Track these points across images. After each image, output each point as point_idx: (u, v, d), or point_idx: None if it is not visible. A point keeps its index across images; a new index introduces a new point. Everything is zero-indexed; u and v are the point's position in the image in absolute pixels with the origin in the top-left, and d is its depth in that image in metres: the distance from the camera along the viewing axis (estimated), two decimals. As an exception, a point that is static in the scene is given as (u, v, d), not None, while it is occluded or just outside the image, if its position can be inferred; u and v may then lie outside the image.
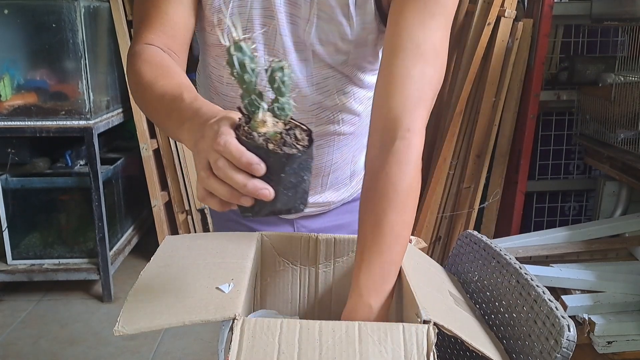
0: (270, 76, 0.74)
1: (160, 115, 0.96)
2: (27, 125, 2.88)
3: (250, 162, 0.72)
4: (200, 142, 0.77)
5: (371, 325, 0.76)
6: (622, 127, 2.78)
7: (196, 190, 0.79)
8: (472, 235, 1.12)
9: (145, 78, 0.99)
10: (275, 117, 0.76)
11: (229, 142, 0.72)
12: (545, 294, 0.86)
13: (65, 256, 3.14)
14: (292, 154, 0.73)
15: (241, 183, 0.72)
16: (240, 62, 0.73)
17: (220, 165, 0.73)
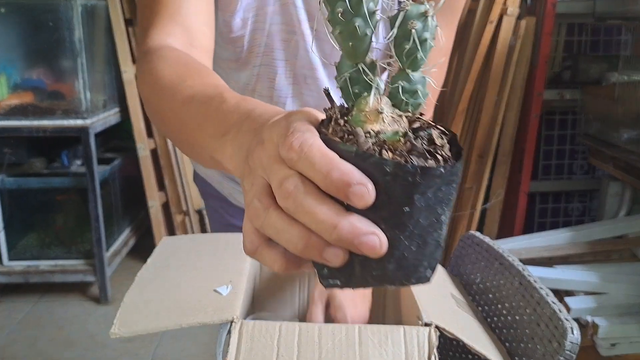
0: (402, 28, 0.45)
1: (187, 125, 0.67)
2: (24, 124, 2.86)
3: (348, 181, 0.41)
4: (257, 151, 0.47)
5: (372, 328, 0.76)
6: (626, 127, 2.76)
7: (243, 237, 0.48)
8: (474, 236, 1.12)
9: (166, 78, 0.74)
10: (396, 106, 0.47)
11: (309, 144, 0.42)
12: (548, 296, 0.86)
13: (61, 257, 3.13)
14: (429, 168, 0.41)
15: (328, 220, 0.42)
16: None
17: (291, 186, 0.43)
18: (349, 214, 0.42)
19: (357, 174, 0.41)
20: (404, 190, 0.41)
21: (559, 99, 3.18)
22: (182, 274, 0.92)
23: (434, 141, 0.44)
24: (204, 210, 3.36)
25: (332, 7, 0.44)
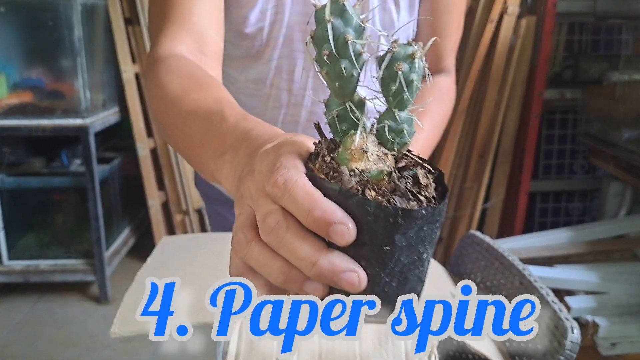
0: (389, 69, 0.45)
1: (190, 141, 0.70)
2: (23, 124, 2.86)
3: (329, 220, 0.42)
4: (247, 180, 0.49)
5: (372, 327, 0.75)
6: (627, 126, 2.76)
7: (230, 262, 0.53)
8: (474, 235, 1.12)
9: (172, 91, 0.76)
10: (382, 144, 0.47)
11: (293, 181, 0.43)
12: (548, 296, 0.87)
13: (61, 257, 3.12)
14: (410, 210, 0.42)
15: (308, 257, 0.43)
16: (338, 35, 0.44)
17: (274, 222, 0.44)
18: (329, 251, 0.43)
19: (339, 213, 0.42)
20: (385, 230, 0.42)
21: (560, 99, 3.17)
22: (182, 273, 0.91)
23: (419, 181, 0.46)
24: (204, 210, 3.36)
25: (319, 48, 0.45)
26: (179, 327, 0.72)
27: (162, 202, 3.40)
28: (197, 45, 0.87)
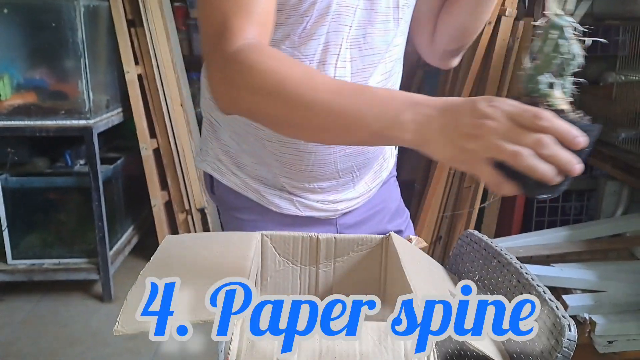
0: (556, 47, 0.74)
1: (339, 113, 0.79)
2: (27, 124, 2.87)
3: (577, 135, 0.68)
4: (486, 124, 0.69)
5: (371, 325, 0.76)
6: (624, 127, 2.77)
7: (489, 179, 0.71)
8: (472, 234, 1.12)
9: (294, 74, 0.82)
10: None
11: (550, 116, 0.68)
12: (546, 294, 0.86)
13: (65, 256, 3.13)
14: (598, 127, 0.72)
15: (569, 160, 0.68)
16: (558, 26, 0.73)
17: (548, 141, 0.67)
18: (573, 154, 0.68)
19: (578, 132, 0.68)
20: (590, 140, 0.69)
21: (557, 99, 3.19)
22: (184, 272, 0.91)
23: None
24: (207, 209, 3.38)
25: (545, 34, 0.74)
26: (179, 327, 0.74)
27: (165, 202, 3.40)
28: (263, 36, 0.90)
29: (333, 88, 0.81)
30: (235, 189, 1.26)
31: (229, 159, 1.25)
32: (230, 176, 1.26)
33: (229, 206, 1.30)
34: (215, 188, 1.30)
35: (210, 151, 1.28)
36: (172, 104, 3.24)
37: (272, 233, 1.07)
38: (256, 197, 1.25)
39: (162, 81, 3.22)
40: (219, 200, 1.32)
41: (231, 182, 1.26)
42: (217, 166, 1.28)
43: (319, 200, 1.25)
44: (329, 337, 0.73)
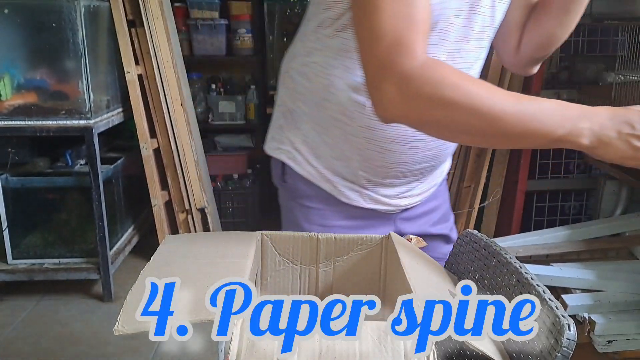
0: None
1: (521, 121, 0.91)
2: (27, 124, 2.88)
3: None
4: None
5: (371, 324, 0.76)
6: (623, 127, 2.77)
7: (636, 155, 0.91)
8: (472, 234, 1.12)
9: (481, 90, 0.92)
10: None
11: None
12: (545, 293, 0.86)
13: (65, 256, 3.14)
14: None
15: None
16: None
17: None
18: None
19: None
20: None
21: (556, 99, 3.19)
22: (184, 272, 0.91)
23: None
24: (207, 209, 3.38)
25: None
26: (179, 327, 0.74)
27: (165, 201, 3.41)
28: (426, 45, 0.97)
29: (514, 99, 0.92)
30: (309, 178, 1.30)
31: (307, 149, 1.29)
32: (306, 166, 1.30)
33: (298, 194, 1.34)
34: (288, 176, 1.34)
35: (286, 140, 1.32)
36: (172, 104, 3.25)
37: (272, 233, 1.08)
38: (329, 187, 1.29)
39: (163, 81, 3.23)
40: (288, 188, 1.36)
41: (306, 172, 1.30)
42: (292, 155, 1.31)
43: (387, 195, 1.30)
44: (329, 337, 0.73)
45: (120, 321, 0.77)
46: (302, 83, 1.24)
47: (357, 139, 1.21)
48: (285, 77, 1.30)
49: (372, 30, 0.95)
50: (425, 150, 1.24)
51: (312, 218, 1.33)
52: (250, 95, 4.04)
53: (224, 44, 3.94)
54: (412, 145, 1.21)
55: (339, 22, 1.13)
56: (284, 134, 1.32)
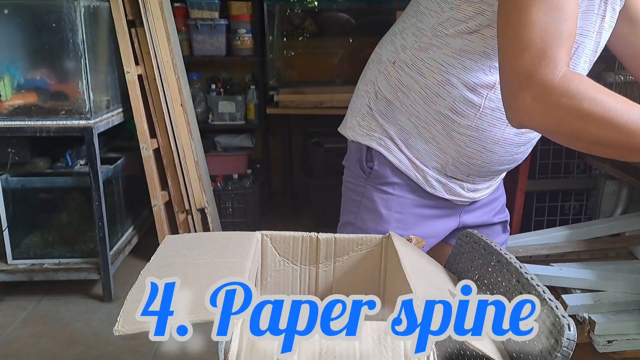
0: None
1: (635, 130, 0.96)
2: (27, 124, 2.88)
3: None
4: None
5: (371, 324, 0.76)
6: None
7: None
8: (472, 234, 1.12)
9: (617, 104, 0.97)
10: None
11: None
12: (545, 293, 0.86)
13: (65, 256, 3.14)
14: None
15: None
16: None
17: None
18: None
19: None
20: None
21: (557, 99, 3.19)
22: (184, 271, 0.91)
23: None
24: (206, 209, 3.38)
25: None
26: (179, 327, 0.74)
27: (165, 202, 3.41)
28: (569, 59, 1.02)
29: (629, 107, 0.96)
30: (399, 166, 1.34)
31: (401, 138, 1.33)
32: (398, 154, 1.34)
33: (382, 180, 1.37)
34: (376, 162, 1.37)
35: (378, 128, 1.35)
36: (172, 104, 3.25)
37: (272, 233, 1.08)
38: (418, 176, 1.34)
39: (163, 81, 3.23)
40: (372, 173, 1.38)
41: (397, 160, 1.34)
42: (385, 143, 1.34)
43: (467, 189, 1.38)
44: (328, 337, 0.73)
45: (120, 321, 0.77)
46: (413, 76, 1.27)
47: (461, 136, 1.26)
48: (390, 67, 1.32)
49: (519, 40, 1.00)
50: (517, 152, 1.31)
51: (391, 205, 1.36)
52: (250, 96, 4.04)
53: (223, 44, 3.94)
54: (511, 148, 1.29)
55: (465, 25, 1.17)
56: (376, 122, 1.36)
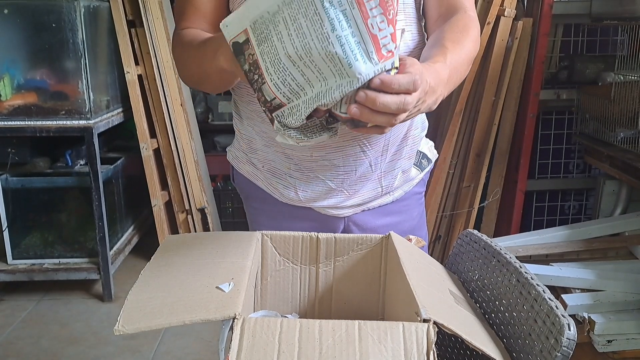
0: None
1: (197, 58, 1.08)
2: (27, 124, 2.88)
3: None
4: None
5: (371, 324, 0.76)
6: (622, 126, 2.78)
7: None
8: (472, 234, 1.12)
9: (187, 38, 1.13)
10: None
11: None
12: (545, 293, 0.86)
13: (65, 256, 3.13)
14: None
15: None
16: None
17: None
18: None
19: None
20: None
21: (556, 99, 3.20)
22: (184, 271, 0.91)
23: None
24: (206, 209, 3.38)
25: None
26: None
27: (165, 202, 3.41)
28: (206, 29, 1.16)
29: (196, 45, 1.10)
30: (247, 176, 1.32)
31: (247, 146, 1.30)
32: (245, 164, 1.31)
33: (245, 195, 1.37)
34: (235, 177, 1.38)
35: (235, 142, 1.35)
36: (172, 104, 3.25)
37: (272, 233, 1.08)
38: (264, 184, 1.29)
39: (162, 81, 3.22)
40: (239, 190, 1.38)
41: (244, 170, 1.32)
42: (236, 154, 1.34)
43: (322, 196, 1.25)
44: (328, 337, 0.74)
45: (120, 321, 0.77)
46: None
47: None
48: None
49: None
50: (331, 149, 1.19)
51: (259, 220, 1.33)
52: (250, 96, 4.03)
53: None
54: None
55: None
56: (235, 136, 1.36)
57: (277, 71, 0.81)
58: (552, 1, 2.95)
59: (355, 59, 0.78)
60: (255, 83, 0.85)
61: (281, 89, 0.82)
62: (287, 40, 0.78)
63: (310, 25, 0.76)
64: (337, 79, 0.80)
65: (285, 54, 0.79)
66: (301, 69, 0.80)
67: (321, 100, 0.81)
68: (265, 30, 0.79)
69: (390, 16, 0.78)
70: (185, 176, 3.34)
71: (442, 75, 1.00)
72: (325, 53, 0.78)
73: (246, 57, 0.83)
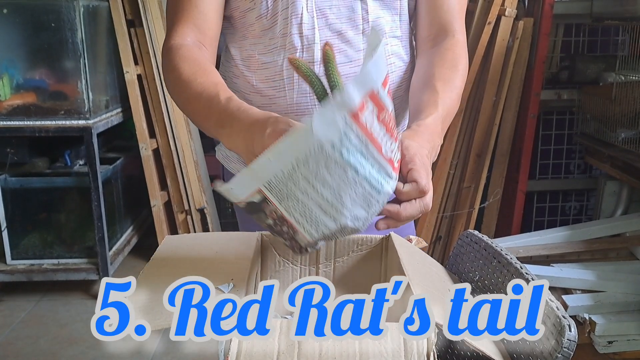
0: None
1: (199, 116, 1.03)
2: (26, 125, 2.87)
3: None
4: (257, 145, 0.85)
5: None
6: (623, 127, 2.78)
7: None
8: (472, 234, 1.12)
9: (184, 75, 1.04)
10: None
11: None
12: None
13: (64, 256, 3.13)
14: None
15: None
16: None
17: None
18: None
19: None
20: None
21: (557, 99, 3.19)
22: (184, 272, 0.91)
23: None
24: (206, 210, 3.38)
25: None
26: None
27: (165, 202, 3.40)
28: (199, 35, 1.12)
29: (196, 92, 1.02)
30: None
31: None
32: (236, 164, 1.30)
33: None
34: (225, 176, 1.37)
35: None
36: (171, 104, 3.24)
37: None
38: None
39: (162, 81, 3.22)
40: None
41: (236, 170, 1.31)
42: (226, 154, 1.33)
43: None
44: (328, 338, 0.73)
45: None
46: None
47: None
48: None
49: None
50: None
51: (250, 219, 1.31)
52: (249, 96, 4.04)
53: (223, 44, 3.93)
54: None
55: None
56: None
57: (310, 222, 0.82)
58: (553, 1, 2.95)
59: (382, 185, 0.80)
60: (285, 234, 0.85)
61: (315, 236, 0.83)
62: (313, 194, 0.78)
63: (336, 176, 0.76)
64: (367, 210, 0.82)
65: (317, 205, 0.80)
66: (333, 216, 0.81)
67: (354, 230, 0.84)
68: (285, 188, 0.78)
69: (393, 132, 0.81)
70: (185, 176, 3.33)
71: (436, 130, 1.02)
72: (356, 194, 0.79)
73: (267, 214, 0.83)
